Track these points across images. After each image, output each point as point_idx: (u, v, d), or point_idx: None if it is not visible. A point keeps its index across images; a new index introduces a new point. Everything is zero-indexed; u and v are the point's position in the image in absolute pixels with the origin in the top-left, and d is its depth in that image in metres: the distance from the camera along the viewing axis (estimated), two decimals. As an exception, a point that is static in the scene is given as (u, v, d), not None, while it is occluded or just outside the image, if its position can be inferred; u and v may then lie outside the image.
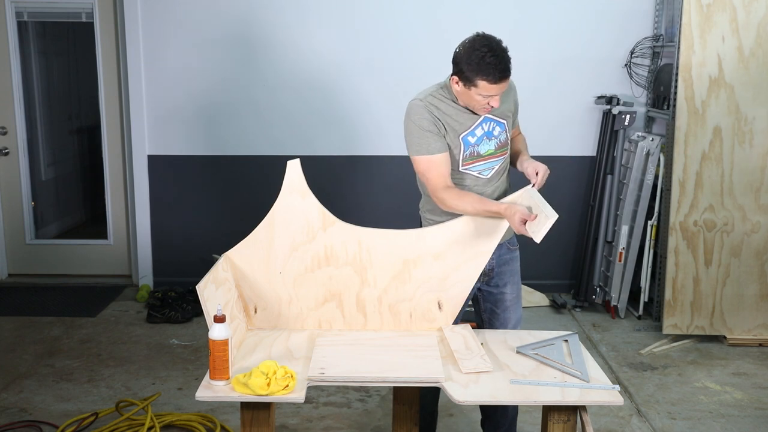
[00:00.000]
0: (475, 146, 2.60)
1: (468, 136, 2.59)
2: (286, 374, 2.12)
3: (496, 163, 2.66)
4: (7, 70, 5.07)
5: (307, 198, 2.55)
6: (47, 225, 5.66)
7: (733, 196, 4.12)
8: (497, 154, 2.65)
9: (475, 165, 2.62)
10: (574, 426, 2.20)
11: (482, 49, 2.42)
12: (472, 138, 2.59)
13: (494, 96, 2.47)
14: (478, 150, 2.61)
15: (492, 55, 2.40)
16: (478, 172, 2.63)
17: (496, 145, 2.64)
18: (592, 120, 4.93)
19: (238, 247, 2.55)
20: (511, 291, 2.79)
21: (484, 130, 2.61)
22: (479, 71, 2.41)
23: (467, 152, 2.60)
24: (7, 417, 3.32)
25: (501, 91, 2.47)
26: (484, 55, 2.40)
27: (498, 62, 2.41)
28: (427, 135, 2.54)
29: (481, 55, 2.40)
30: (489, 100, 2.48)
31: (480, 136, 2.60)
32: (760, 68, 4.03)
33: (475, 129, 2.59)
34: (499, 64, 2.41)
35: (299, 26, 4.81)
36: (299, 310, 2.60)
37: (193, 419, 3.26)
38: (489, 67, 2.40)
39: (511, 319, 2.80)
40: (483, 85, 2.43)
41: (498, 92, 2.46)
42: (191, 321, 4.55)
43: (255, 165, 4.96)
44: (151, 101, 4.93)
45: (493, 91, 2.45)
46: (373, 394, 3.56)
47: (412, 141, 2.57)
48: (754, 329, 4.22)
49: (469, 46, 2.45)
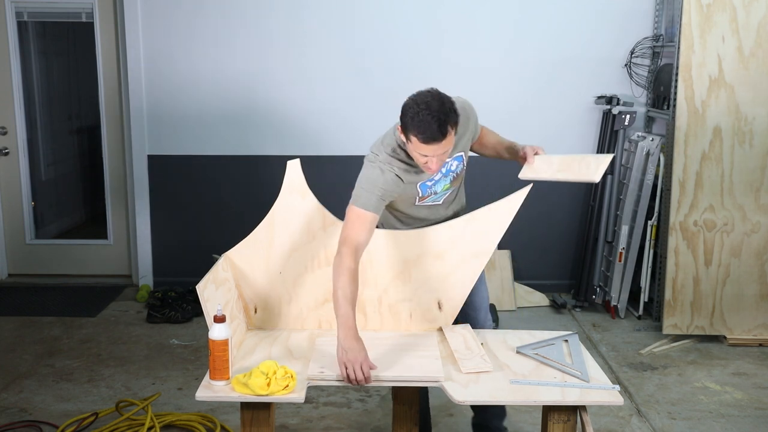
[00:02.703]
0: (433, 187, 2.60)
1: (427, 181, 2.57)
2: (286, 374, 2.12)
3: (447, 193, 2.67)
4: (7, 70, 5.07)
5: (307, 198, 2.56)
6: (47, 225, 5.66)
7: (733, 196, 4.12)
8: (452, 185, 2.66)
9: (430, 198, 2.63)
10: (574, 426, 2.20)
11: (421, 105, 2.28)
12: (430, 182, 2.58)
13: (429, 157, 2.34)
14: (434, 189, 2.61)
15: (428, 113, 2.26)
16: (432, 203, 2.65)
17: (452, 178, 2.64)
18: (592, 120, 4.93)
19: (238, 247, 2.55)
20: None
21: (442, 172, 2.58)
22: (411, 127, 2.29)
23: (425, 194, 2.60)
24: (7, 417, 3.32)
25: (435, 152, 2.32)
26: (419, 111, 2.27)
27: (432, 121, 2.25)
28: (377, 194, 2.45)
29: (416, 111, 2.28)
30: (426, 161, 2.36)
31: (438, 179, 2.59)
32: (760, 68, 4.03)
33: (434, 175, 2.56)
34: (432, 123, 2.25)
35: (299, 26, 4.81)
36: (299, 310, 2.60)
37: (193, 419, 3.26)
38: (421, 125, 2.27)
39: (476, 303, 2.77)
40: (415, 142, 2.31)
41: (431, 153, 2.32)
42: (191, 321, 4.55)
43: (255, 165, 4.96)
44: (151, 101, 4.93)
45: (424, 150, 2.32)
46: (373, 394, 3.56)
47: (359, 191, 2.47)
48: (754, 329, 4.22)
49: (415, 97, 2.34)
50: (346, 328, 2.24)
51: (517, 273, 4.98)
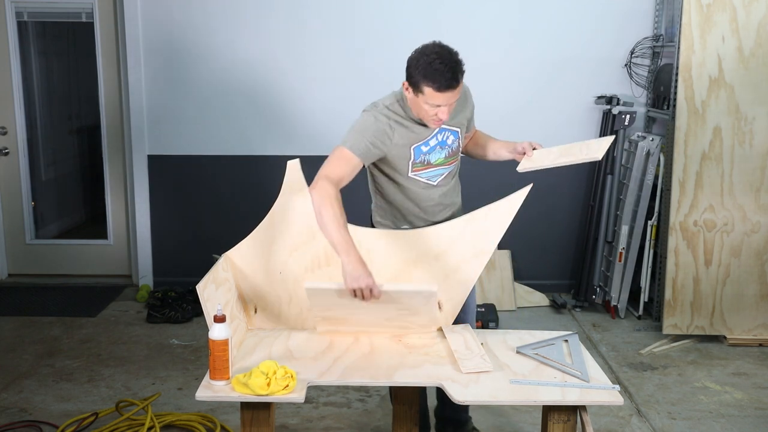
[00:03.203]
0: (427, 155, 2.60)
1: (421, 145, 2.57)
2: (286, 374, 2.12)
3: (445, 171, 2.67)
4: (7, 70, 5.07)
5: (307, 198, 2.55)
6: (47, 225, 5.66)
7: (733, 196, 4.12)
8: (447, 162, 2.66)
9: (424, 172, 2.63)
10: (574, 426, 2.20)
11: (432, 55, 2.35)
12: (425, 147, 2.58)
13: (441, 107, 2.40)
14: (428, 158, 2.61)
15: (440, 62, 2.33)
16: (426, 179, 2.64)
17: (447, 153, 2.64)
18: (592, 120, 4.93)
19: (238, 247, 2.55)
20: None
21: (438, 139, 2.60)
22: (425, 76, 2.35)
23: (417, 160, 2.59)
24: (7, 417, 3.32)
25: (448, 101, 2.39)
26: (432, 61, 2.34)
27: (445, 70, 2.33)
28: (367, 139, 2.48)
29: (429, 61, 2.34)
30: (437, 111, 2.41)
31: (433, 146, 2.60)
32: (760, 68, 4.03)
33: (430, 139, 2.58)
34: (446, 72, 2.33)
35: (300, 26, 4.81)
36: (299, 310, 2.60)
37: (193, 419, 3.26)
38: (435, 74, 2.33)
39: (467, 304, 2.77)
40: (429, 92, 2.36)
41: (444, 102, 2.39)
42: (191, 321, 4.55)
43: (255, 165, 4.96)
44: (151, 101, 4.93)
45: (438, 100, 2.37)
46: (373, 394, 3.56)
47: (350, 133, 2.50)
48: (754, 329, 4.22)
49: (421, 50, 2.39)
50: (349, 253, 2.24)
51: (517, 273, 4.98)
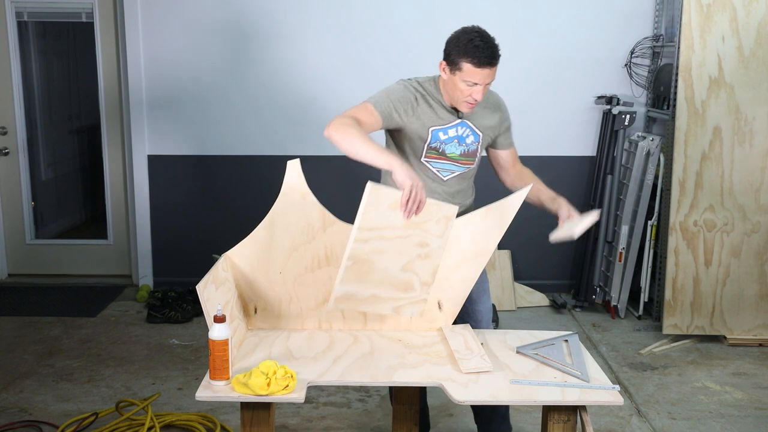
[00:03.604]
0: (443, 143, 2.61)
1: (439, 131, 2.60)
2: (286, 374, 2.12)
3: (457, 170, 2.67)
4: (7, 70, 5.08)
5: (307, 198, 2.55)
6: (47, 225, 5.66)
7: (733, 196, 4.12)
8: (460, 161, 2.66)
9: (436, 161, 2.64)
10: (574, 426, 2.20)
11: (472, 33, 2.46)
12: (443, 135, 2.61)
13: (477, 86, 2.47)
14: (444, 148, 2.62)
15: (481, 40, 2.44)
16: (437, 170, 2.65)
17: (462, 151, 2.64)
18: (592, 120, 4.93)
19: (238, 247, 2.55)
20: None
21: (458, 132, 2.62)
22: (465, 53, 2.44)
23: (432, 145, 2.61)
24: (7, 417, 3.32)
25: (484, 80, 2.47)
26: (473, 38, 2.44)
27: (486, 47, 2.43)
28: (391, 101, 2.55)
29: (470, 38, 2.44)
30: (472, 92, 2.48)
31: (451, 137, 2.62)
32: (760, 68, 4.03)
33: (449, 128, 2.61)
34: (486, 49, 2.43)
35: (299, 26, 4.81)
36: (299, 310, 2.60)
37: (193, 419, 3.26)
38: (476, 50, 2.42)
39: (482, 312, 2.79)
40: (467, 68, 2.44)
41: (481, 80, 2.46)
42: (191, 321, 4.55)
43: (255, 165, 4.96)
44: (151, 101, 4.93)
45: (476, 76, 2.45)
46: (373, 394, 3.56)
47: (378, 93, 2.59)
48: (754, 329, 4.22)
49: (461, 30, 2.50)
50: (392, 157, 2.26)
51: (517, 273, 4.98)
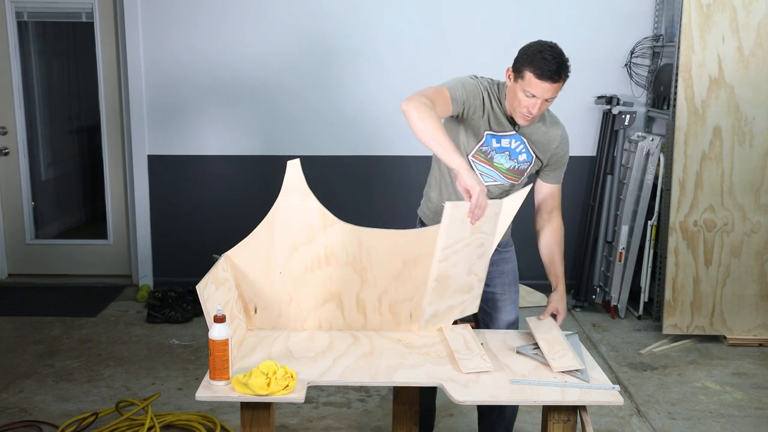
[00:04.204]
0: (494, 151, 2.57)
1: (493, 138, 2.56)
2: (286, 374, 2.12)
3: (500, 182, 2.63)
4: (7, 70, 5.07)
5: (307, 198, 2.55)
6: (47, 225, 5.66)
7: (733, 196, 4.12)
8: (506, 174, 2.62)
9: (481, 164, 2.59)
10: (574, 426, 2.20)
11: (545, 46, 2.42)
12: (496, 142, 2.56)
13: (537, 99, 2.41)
14: (492, 155, 2.58)
15: (550, 54, 2.39)
16: (479, 173, 2.61)
17: (511, 167, 2.60)
18: (592, 120, 4.93)
19: (238, 247, 2.55)
20: (502, 292, 2.79)
21: (511, 145, 2.57)
22: (531, 62, 2.39)
23: (484, 148, 2.57)
24: (7, 417, 3.32)
25: (543, 94, 2.40)
26: (542, 50, 2.39)
27: (553, 60, 2.38)
28: (464, 88, 2.49)
29: (539, 49, 2.40)
30: (529, 104, 2.42)
31: (504, 147, 2.57)
32: (760, 68, 4.03)
33: (503, 137, 2.56)
34: (552, 62, 2.37)
35: (298, 27, 4.81)
36: (299, 310, 2.59)
37: (193, 419, 3.26)
38: (542, 62, 2.37)
39: (503, 321, 2.80)
40: (529, 77, 2.39)
41: (540, 93, 2.40)
42: (191, 321, 4.55)
43: (255, 165, 4.96)
44: (151, 101, 4.93)
45: (535, 88, 2.39)
46: (373, 394, 3.56)
47: (452, 80, 2.52)
48: (754, 329, 4.22)
49: (536, 42, 2.45)
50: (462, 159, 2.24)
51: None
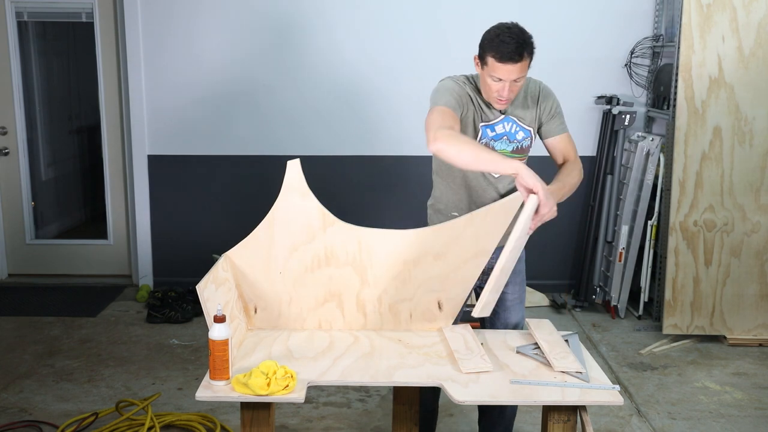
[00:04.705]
0: (492, 141, 2.58)
1: (488, 128, 2.57)
2: (286, 374, 2.12)
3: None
4: (7, 70, 5.07)
5: (307, 198, 2.55)
6: (47, 225, 5.66)
7: (733, 196, 4.12)
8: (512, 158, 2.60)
9: None
10: (574, 426, 2.20)
11: (502, 28, 2.41)
12: (491, 131, 2.57)
13: (504, 82, 2.41)
14: (493, 145, 2.58)
15: (509, 36, 2.37)
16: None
17: (514, 148, 2.61)
18: (592, 120, 4.93)
19: (238, 247, 2.55)
20: (512, 291, 2.78)
21: (505, 129, 2.58)
22: (491, 47, 2.39)
23: (483, 141, 2.57)
24: (7, 417, 3.32)
25: (508, 76, 2.39)
26: (500, 33, 2.38)
27: (511, 41, 2.35)
28: (450, 94, 2.50)
29: (497, 33, 2.39)
30: (498, 88, 2.42)
31: (500, 133, 2.58)
32: (760, 68, 4.03)
33: (496, 125, 2.58)
34: (511, 43, 2.35)
35: (299, 27, 4.81)
36: (299, 310, 2.60)
37: (193, 419, 3.26)
38: (501, 45, 2.36)
39: (512, 320, 2.80)
40: (491, 62, 2.39)
41: (505, 76, 2.39)
42: (191, 321, 4.55)
43: (255, 165, 4.96)
44: (151, 101, 4.93)
45: (500, 71, 2.38)
46: (373, 394, 3.56)
47: (434, 97, 2.53)
48: (754, 329, 4.22)
49: (495, 26, 2.44)
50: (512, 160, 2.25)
51: (517, 273, 4.97)
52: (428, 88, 2.86)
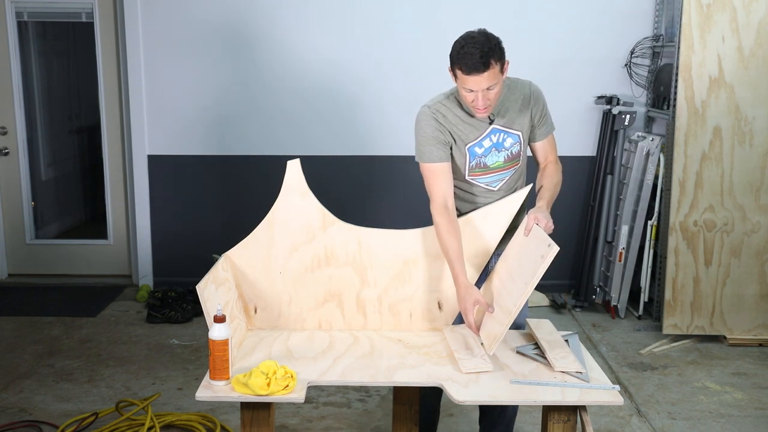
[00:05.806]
0: (482, 157, 2.57)
1: (475, 146, 2.55)
2: (286, 374, 2.12)
3: (506, 175, 2.62)
4: (7, 70, 5.07)
5: (307, 198, 2.55)
6: (47, 225, 5.66)
7: (733, 196, 4.12)
8: (507, 166, 2.60)
9: (482, 177, 2.59)
10: (574, 426, 2.20)
11: (467, 39, 2.37)
12: (479, 149, 2.55)
13: (474, 92, 2.38)
14: (485, 161, 2.57)
15: (473, 46, 2.33)
16: (485, 184, 2.61)
17: (505, 157, 2.59)
18: (592, 120, 4.93)
19: (238, 247, 2.55)
20: None
21: (492, 141, 2.56)
22: (457, 59, 2.37)
23: (473, 163, 2.57)
24: (7, 417, 3.32)
25: (478, 86, 2.36)
26: (464, 45, 2.35)
27: (475, 51, 2.31)
28: (430, 142, 2.51)
29: (462, 45, 2.36)
30: (474, 99, 2.40)
31: (488, 147, 2.56)
32: (760, 68, 4.03)
33: (483, 140, 2.55)
34: (475, 54, 2.31)
35: (299, 27, 4.81)
36: (299, 310, 2.60)
37: (193, 419, 3.26)
38: (465, 57, 2.33)
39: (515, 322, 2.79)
40: (460, 75, 2.38)
41: (474, 86, 2.37)
42: (191, 321, 4.55)
43: (255, 165, 4.96)
44: (151, 101, 4.93)
45: (470, 83, 2.37)
46: (373, 394, 3.57)
47: (418, 147, 2.56)
48: (754, 329, 4.22)
49: (460, 37, 2.42)
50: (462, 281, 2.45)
51: (517, 273, 4.97)
52: (428, 89, 2.86)
